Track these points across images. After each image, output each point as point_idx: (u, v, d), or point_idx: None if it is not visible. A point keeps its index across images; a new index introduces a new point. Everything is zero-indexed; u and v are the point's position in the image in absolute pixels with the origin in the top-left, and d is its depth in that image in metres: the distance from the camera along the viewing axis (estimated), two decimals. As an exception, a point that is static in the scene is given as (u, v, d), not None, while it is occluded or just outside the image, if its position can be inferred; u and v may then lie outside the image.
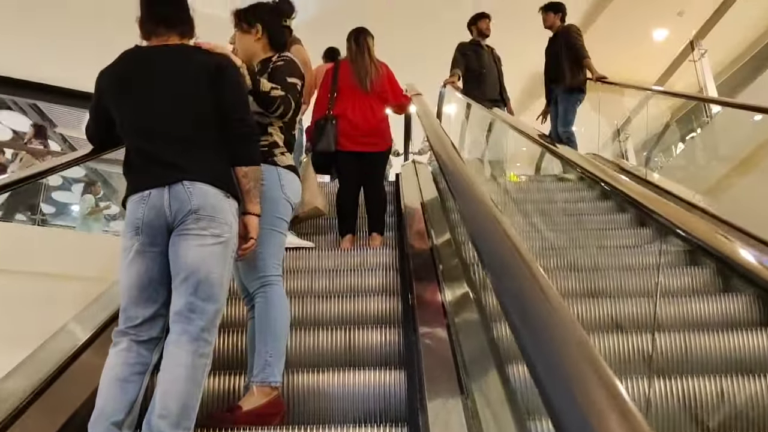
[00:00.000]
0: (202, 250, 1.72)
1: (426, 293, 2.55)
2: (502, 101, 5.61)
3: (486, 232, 1.14)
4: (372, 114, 3.66)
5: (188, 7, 1.96)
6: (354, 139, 3.60)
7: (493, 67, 5.61)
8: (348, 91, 3.66)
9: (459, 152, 2.19)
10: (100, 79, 1.92)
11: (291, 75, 2.19)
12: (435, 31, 7.51)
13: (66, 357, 2.00)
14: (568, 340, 0.72)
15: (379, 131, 3.68)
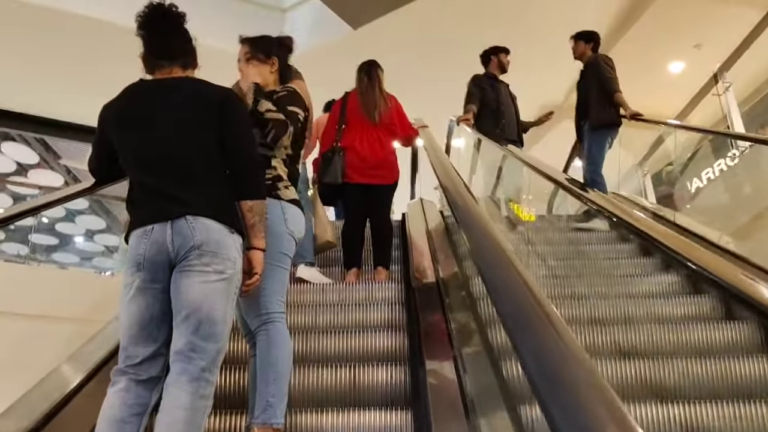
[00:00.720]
0: (204, 286, 1.70)
1: (433, 329, 2.52)
2: (520, 142, 5.17)
3: (508, 288, 1.04)
4: (380, 146, 3.68)
5: (190, 38, 1.97)
6: (361, 171, 3.61)
7: (510, 105, 5.17)
8: (356, 123, 3.69)
9: (469, 189, 2.13)
10: (103, 113, 1.93)
11: (293, 104, 2.21)
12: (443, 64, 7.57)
13: (62, 396, 1.97)
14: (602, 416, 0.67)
15: (387, 164, 3.70)
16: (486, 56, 5.26)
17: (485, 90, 5.08)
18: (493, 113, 5.02)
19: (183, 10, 1.96)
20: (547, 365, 0.76)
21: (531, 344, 0.82)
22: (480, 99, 5.04)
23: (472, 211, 1.62)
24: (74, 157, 8.22)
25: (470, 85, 5.14)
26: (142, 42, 1.94)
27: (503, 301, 1.01)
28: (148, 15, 1.92)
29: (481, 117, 5.03)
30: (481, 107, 5.04)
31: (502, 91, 5.14)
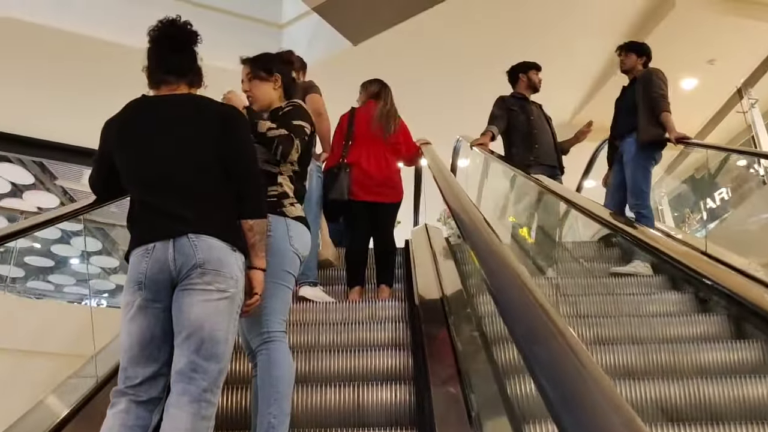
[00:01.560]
0: (206, 305, 1.71)
1: (437, 347, 2.53)
2: (560, 168, 4.61)
3: (533, 326, 0.93)
4: (386, 164, 3.74)
5: (197, 57, 2.00)
6: (367, 188, 3.64)
7: (545, 127, 4.62)
8: (363, 140, 3.73)
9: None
10: (105, 129, 1.95)
11: (298, 118, 2.24)
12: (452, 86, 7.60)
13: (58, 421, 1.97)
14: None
15: (392, 182, 3.74)
16: (514, 74, 4.77)
17: (513, 112, 4.55)
18: (525, 138, 4.49)
19: (157, 21, 1.99)
20: (565, 386, 0.74)
21: (545, 359, 0.81)
22: (507, 123, 4.53)
23: (486, 235, 1.44)
24: (71, 178, 8.25)
25: (494, 107, 4.61)
26: (151, 55, 1.95)
27: (517, 321, 0.97)
28: (163, 29, 1.95)
29: (511, 143, 4.55)
30: (511, 132, 4.54)
31: (533, 112, 4.61)
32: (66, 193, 8.60)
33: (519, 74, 4.73)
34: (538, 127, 4.55)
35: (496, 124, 4.51)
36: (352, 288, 3.63)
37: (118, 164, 1.91)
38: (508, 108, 4.56)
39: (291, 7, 7.51)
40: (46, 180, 8.61)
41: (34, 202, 8.71)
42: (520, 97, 4.67)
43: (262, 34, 7.11)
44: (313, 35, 7.07)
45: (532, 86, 4.71)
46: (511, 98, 4.67)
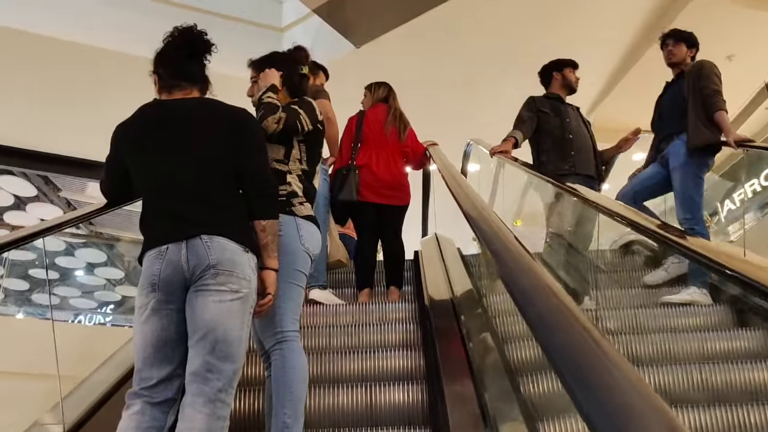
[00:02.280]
0: (220, 306, 1.75)
1: (449, 347, 2.56)
2: (598, 178, 4.09)
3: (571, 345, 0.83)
4: (395, 166, 3.83)
5: (206, 65, 2.06)
6: (376, 190, 3.72)
7: (583, 132, 4.08)
8: (372, 142, 3.82)
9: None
10: (117, 133, 2.00)
11: (299, 106, 2.27)
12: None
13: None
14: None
15: (400, 185, 3.83)
16: (547, 73, 4.27)
17: (545, 116, 4.02)
18: (560, 144, 3.95)
19: (173, 27, 2.05)
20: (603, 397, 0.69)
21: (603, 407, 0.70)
22: (537, 127, 4.00)
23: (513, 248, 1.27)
24: (75, 190, 8.32)
25: (522, 108, 4.09)
26: (164, 61, 2.01)
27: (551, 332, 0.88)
28: (180, 36, 2.02)
29: (541, 150, 4.02)
30: (541, 137, 4.01)
31: (569, 115, 4.08)
32: (70, 204, 8.67)
33: (553, 72, 4.22)
34: (574, 132, 4.00)
35: (520, 129, 3.98)
36: (361, 290, 3.68)
37: (130, 168, 1.96)
38: (539, 110, 4.04)
39: (291, 10, 7.53)
40: (49, 192, 8.68)
41: (38, 214, 8.78)
42: (553, 97, 4.16)
43: (262, 38, 7.11)
44: (314, 38, 7.06)
45: (567, 86, 4.20)
46: (543, 99, 4.14)
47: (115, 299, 8.37)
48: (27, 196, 8.78)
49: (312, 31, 7.10)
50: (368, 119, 3.91)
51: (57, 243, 8.44)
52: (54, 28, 6.42)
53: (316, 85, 3.81)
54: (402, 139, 3.88)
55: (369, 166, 3.74)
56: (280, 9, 7.71)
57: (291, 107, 2.24)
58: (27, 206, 8.92)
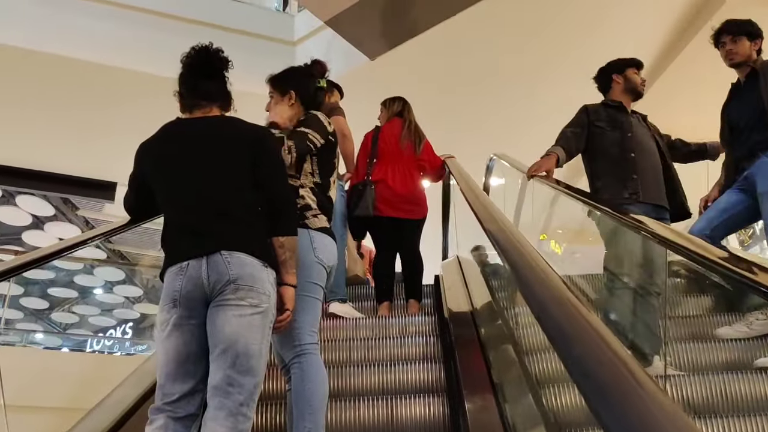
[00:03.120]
0: (240, 320, 1.81)
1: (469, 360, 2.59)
2: (672, 209, 3.23)
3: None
4: (411, 180, 3.89)
5: (227, 82, 2.15)
6: (393, 204, 3.79)
7: (650, 148, 3.26)
8: (388, 157, 3.90)
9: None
10: (140, 151, 2.09)
11: (305, 126, 2.32)
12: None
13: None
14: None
15: (417, 198, 3.89)
16: (605, 77, 3.48)
17: (600, 131, 3.27)
18: (618, 166, 3.18)
19: (190, 48, 2.13)
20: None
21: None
22: (587, 143, 3.29)
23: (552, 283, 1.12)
24: (93, 208, 8.46)
25: (571, 121, 3.38)
26: (184, 80, 2.11)
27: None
28: (197, 56, 2.10)
29: (598, 173, 3.26)
30: (595, 157, 3.28)
31: (633, 127, 3.27)
32: (88, 223, 8.83)
33: (612, 75, 3.44)
34: (638, 149, 3.19)
35: (563, 144, 3.25)
36: (381, 303, 3.75)
37: (153, 185, 2.05)
38: (592, 123, 3.29)
39: (303, 23, 7.57)
40: (67, 211, 8.86)
41: (56, 233, 8.96)
42: (614, 105, 3.37)
43: (274, 53, 7.15)
44: (327, 51, 7.03)
45: (631, 90, 3.40)
46: (600, 108, 3.38)
47: (133, 317, 8.50)
48: (45, 215, 8.97)
49: (325, 44, 7.10)
50: (384, 134, 4.00)
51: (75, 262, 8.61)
52: (69, 48, 6.53)
53: (331, 102, 3.88)
54: (417, 152, 3.94)
55: (385, 180, 3.82)
56: (292, 22, 7.77)
57: (296, 132, 2.30)
58: (45, 225, 9.11)
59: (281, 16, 8.13)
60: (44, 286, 8.71)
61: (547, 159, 3.22)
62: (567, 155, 3.24)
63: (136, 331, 8.45)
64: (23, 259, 2.36)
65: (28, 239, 9.25)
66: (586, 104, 3.42)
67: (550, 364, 2.42)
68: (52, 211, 8.82)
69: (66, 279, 8.74)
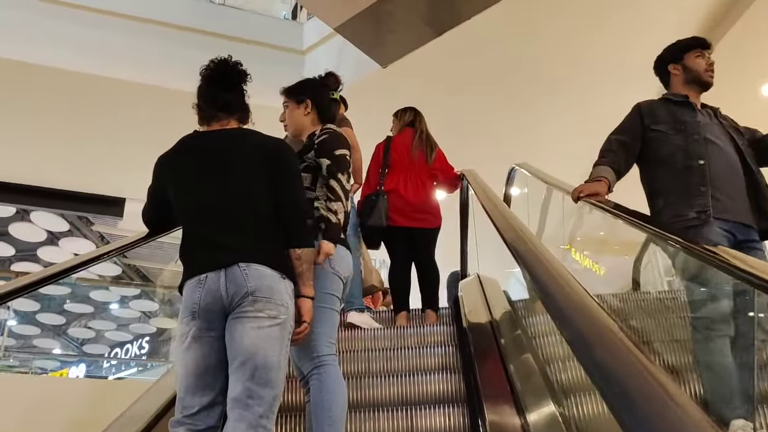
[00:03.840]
0: (258, 332, 1.84)
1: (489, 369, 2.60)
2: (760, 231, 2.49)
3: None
4: (423, 190, 3.94)
5: (245, 95, 2.21)
6: (406, 214, 3.84)
7: (726, 150, 2.58)
8: (399, 167, 3.95)
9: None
10: (159, 164, 2.15)
11: (339, 147, 2.37)
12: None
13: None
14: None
15: (430, 207, 3.93)
16: (661, 67, 2.82)
17: (659, 136, 2.61)
18: (683, 177, 2.52)
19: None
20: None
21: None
22: (645, 154, 2.64)
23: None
24: (108, 223, 8.56)
25: (621, 125, 2.74)
26: (203, 93, 2.17)
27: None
28: (215, 68, 2.16)
29: (658, 188, 2.59)
30: (656, 169, 2.62)
31: (701, 127, 2.60)
32: (103, 238, 8.95)
33: (668, 66, 2.78)
34: (708, 154, 2.53)
35: (611, 162, 2.62)
36: (398, 313, 3.78)
37: (171, 198, 2.09)
38: (647, 126, 2.65)
39: (313, 31, 7.55)
40: (82, 226, 8.99)
41: (71, 248, 9.10)
42: (678, 101, 2.70)
43: (283, 62, 7.17)
44: (338, 60, 7.01)
45: (694, 79, 2.73)
46: (659, 105, 2.71)
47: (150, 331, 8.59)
48: (60, 231, 9.11)
49: (335, 53, 7.10)
50: (395, 144, 4.05)
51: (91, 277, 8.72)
52: (81, 62, 6.58)
53: (339, 114, 3.94)
54: (429, 161, 4.00)
55: (397, 190, 3.87)
56: (301, 31, 7.75)
57: (337, 155, 2.32)
58: (60, 241, 9.25)
59: (289, 25, 8.14)
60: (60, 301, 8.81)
61: (597, 184, 2.57)
62: (617, 175, 2.62)
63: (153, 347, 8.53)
64: (41, 275, 2.37)
65: (44, 255, 9.40)
66: (639, 102, 2.75)
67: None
68: (67, 226, 8.97)
69: (83, 294, 8.85)
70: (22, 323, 9.58)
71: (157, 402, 2.44)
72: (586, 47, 6.43)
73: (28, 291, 2.25)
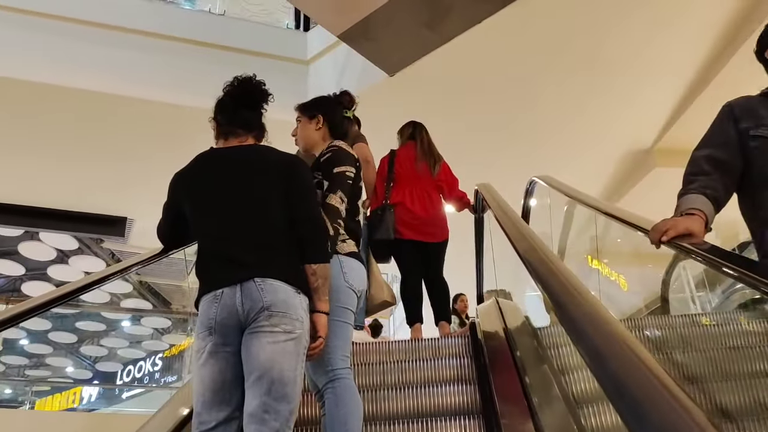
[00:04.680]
0: (274, 347, 1.88)
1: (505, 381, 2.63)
2: None
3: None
4: (430, 203, 4.00)
5: (263, 115, 2.29)
6: (413, 227, 3.90)
7: None
8: (405, 180, 4.02)
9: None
10: (175, 180, 2.21)
11: (339, 164, 2.42)
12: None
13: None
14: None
15: (437, 221, 4.00)
16: (759, 55, 2.10)
17: (763, 142, 1.91)
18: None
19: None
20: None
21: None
22: (745, 173, 1.94)
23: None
24: (118, 240, 8.63)
25: (710, 134, 2.05)
26: (224, 108, 2.25)
27: None
28: (239, 86, 2.25)
29: (758, 216, 1.91)
30: (754, 190, 1.92)
31: None
32: (113, 255, 9.02)
33: (764, 52, 2.09)
34: None
35: (701, 189, 1.91)
36: (412, 326, 3.84)
37: (187, 214, 2.16)
38: (745, 133, 1.95)
39: (316, 39, 7.51)
40: (92, 244, 9.08)
41: (81, 267, 9.20)
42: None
43: (286, 73, 7.11)
44: (343, 69, 6.97)
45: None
46: (757, 103, 2.02)
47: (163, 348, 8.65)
48: (69, 249, 9.21)
49: (340, 62, 7.02)
50: (399, 157, 4.13)
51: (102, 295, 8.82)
52: (82, 79, 6.49)
53: (354, 131, 3.95)
54: (433, 173, 4.06)
55: (404, 203, 3.94)
56: (305, 40, 7.72)
57: (335, 174, 2.37)
58: (70, 259, 9.35)
59: (292, 34, 8.08)
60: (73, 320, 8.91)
61: (688, 220, 1.81)
62: (715, 205, 1.89)
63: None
64: (55, 294, 2.35)
65: (54, 273, 9.51)
66: (729, 101, 2.07)
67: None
68: (76, 244, 9.06)
69: (94, 312, 8.93)
70: (34, 342, 9.69)
71: (173, 419, 2.48)
72: (615, 45, 6.21)
73: (38, 313, 2.22)
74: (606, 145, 7.60)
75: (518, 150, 7.44)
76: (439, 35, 6.01)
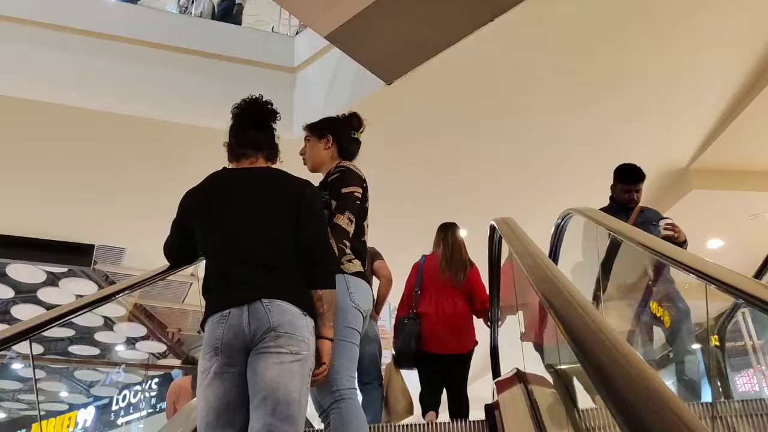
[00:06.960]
0: (280, 368, 1.93)
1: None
2: None
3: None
4: (455, 311, 3.99)
5: (275, 135, 2.37)
6: (437, 340, 3.92)
7: None
8: (431, 288, 4.06)
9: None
10: (185, 200, 2.29)
11: (346, 184, 2.47)
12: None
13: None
14: None
15: (462, 328, 4.00)
16: None
17: None
18: None
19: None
20: None
21: None
22: None
23: None
24: (112, 261, 8.44)
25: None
26: (234, 131, 2.34)
27: None
28: (246, 107, 2.35)
29: None
30: None
31: None
32: (107, 278, 8.77)
33: None
34: None
35: None
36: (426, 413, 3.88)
37: (196, 234, 2.24)
38: None
39: (305, 43, 6.92)
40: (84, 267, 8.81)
41: (71, 290, 9.00)
42: None
43: (272, 81, 6.56)
44: (333, 77, 6.37)
45: None
46: None
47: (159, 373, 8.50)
48: (60, 271, 8.96)
49: (330, 69, 6.42)
50: (426, 265, 4.16)
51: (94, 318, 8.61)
52: (59, 93, 5.91)
53: (371, 249, 3.78)
54: (456, 282, 4.03)
55: (428, 313, 3.95)
56: (292, 45, 7.12)
57: (343, 195, 2.41)
58: (60, 281, 9.11)
59: (278, 39, 7.41)
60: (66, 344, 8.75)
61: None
62: None
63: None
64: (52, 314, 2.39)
65: (44, 296, 9.31)
66: None
67: None
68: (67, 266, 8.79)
69: (87, 336, 8.77)
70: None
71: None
72: (639, 57, 5.77)
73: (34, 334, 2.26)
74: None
75: (537, 172, 6.96)
76: (444, 35, 5.30)
